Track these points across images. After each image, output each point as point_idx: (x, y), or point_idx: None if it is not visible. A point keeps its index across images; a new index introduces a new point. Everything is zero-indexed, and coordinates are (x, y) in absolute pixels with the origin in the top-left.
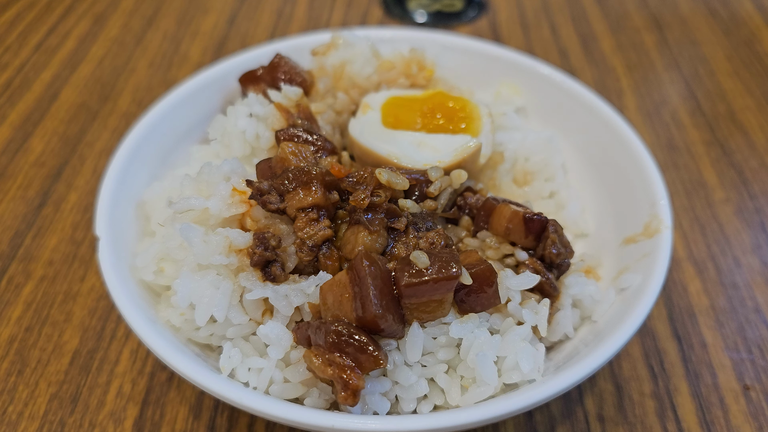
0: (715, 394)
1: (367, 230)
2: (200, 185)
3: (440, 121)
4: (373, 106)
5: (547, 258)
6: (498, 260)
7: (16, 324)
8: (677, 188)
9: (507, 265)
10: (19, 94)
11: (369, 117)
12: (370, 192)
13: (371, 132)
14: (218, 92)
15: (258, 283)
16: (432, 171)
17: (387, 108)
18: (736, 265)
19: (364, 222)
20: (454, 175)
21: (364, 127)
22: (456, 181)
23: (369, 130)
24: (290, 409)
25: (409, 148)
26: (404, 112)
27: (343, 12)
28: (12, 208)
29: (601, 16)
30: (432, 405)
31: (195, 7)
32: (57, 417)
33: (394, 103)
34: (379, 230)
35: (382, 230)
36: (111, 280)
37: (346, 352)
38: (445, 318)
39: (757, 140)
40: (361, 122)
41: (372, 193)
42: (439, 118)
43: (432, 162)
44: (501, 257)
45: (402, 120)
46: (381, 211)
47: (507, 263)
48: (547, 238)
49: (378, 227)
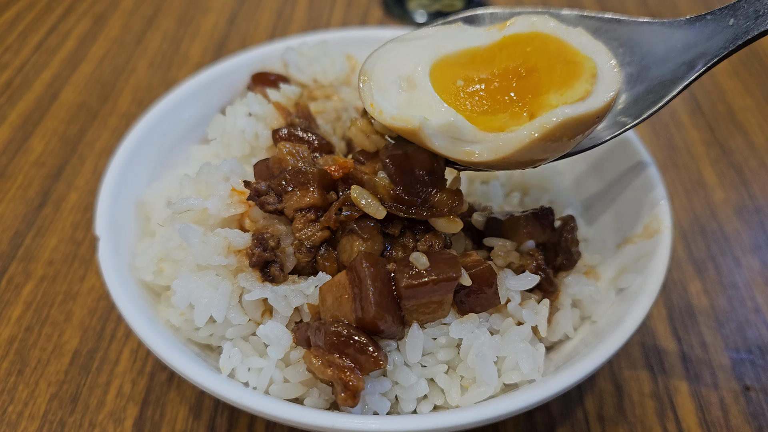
0: (714, 395)
1: (360, 239)
2: (199, 185)
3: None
4: (415, 76)
5: (564, 243)
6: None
7: (16, 324)
8: (677, 188)
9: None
10: (20, 94)
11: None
12: (334, 213)
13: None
14: (218, 92)
15: (257, 284)
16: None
17: (436, 80)
18: (736, 265)
19: (356, 231)
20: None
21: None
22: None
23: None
24: (290, 409)
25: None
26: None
27: (343, 12)
28: (12, 208)
29: None
30: (432, 405)
31: (195, 7)
32: (57, 417)
33: (444, 71)
34: (372, 237)
35: (377, 236)
36: (111, 280)
37: (346, 353)
38: (445, 318)
39: (756, 140)
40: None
41: (344, 208)
42: (511, 90)
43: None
44: (508, 264)
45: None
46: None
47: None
48: (566, 224)
49: (371, 234)
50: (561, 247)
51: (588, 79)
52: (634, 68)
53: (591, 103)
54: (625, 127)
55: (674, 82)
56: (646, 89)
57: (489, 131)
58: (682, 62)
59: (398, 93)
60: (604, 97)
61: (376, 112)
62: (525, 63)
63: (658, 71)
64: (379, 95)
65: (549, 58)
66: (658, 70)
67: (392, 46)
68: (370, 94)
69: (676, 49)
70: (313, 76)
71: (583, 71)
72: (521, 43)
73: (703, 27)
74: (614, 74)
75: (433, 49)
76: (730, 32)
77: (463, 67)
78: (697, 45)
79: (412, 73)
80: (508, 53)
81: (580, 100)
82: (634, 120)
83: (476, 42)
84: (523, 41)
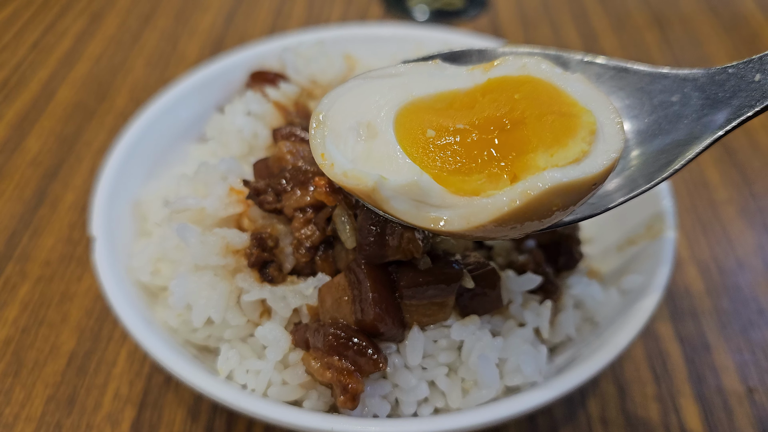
0: (718, 397)
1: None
2: (197, 185)
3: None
4: (377, 125)
5: (565, 243)
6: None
7: (13, 325)
8: (679, 188)
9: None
10: (16, 93)
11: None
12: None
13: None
14: (215, 90)
15: (255, 285)
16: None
17: (403, 129)
18: (739, 266)
19: None
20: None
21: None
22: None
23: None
24: (288, 412)
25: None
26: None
27: (343, 10)
28: (8, 208)
29: (603, 14)
30: (432, 408)
31: (192, 5)
32: (54, 419)
33: (412, 119)
34: None
35: None
36: (107, 280)
37: (345, 355)
38: (446, 321)
39: (759, 140)
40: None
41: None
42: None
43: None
44: (509, 263)
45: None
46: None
47: (510, 259)
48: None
49: None
50: (562, 247)
51: (585, 137)
52: (642, 123)
53: (587, 167)
54: (634, 192)
55: (690, 143)
56: (658, 149)
57: (461, 195)
58: (699, 120)
59: (356, 142)
60: (604, 160)
61: (326, 165)
62: (511, 113)
63: (672, 128)
64: (333, 144)
65: (540, 108)
66: (672, 127)
67: (355, 84)
68: (322, 143)
69: (692, 106)
70: (311, 76)
71: (579, 127)
72: (509, 88)
73: (724, 82)
74: (617, 132)
75: (403, 91)
76: (758, 90)
77: (436, 114)
78: (717, 103)
79: (374, 118)
80: (492, 99)
81: (573, 162)
82: (646, 183)
83: (456, 84)
84: (511, 86)
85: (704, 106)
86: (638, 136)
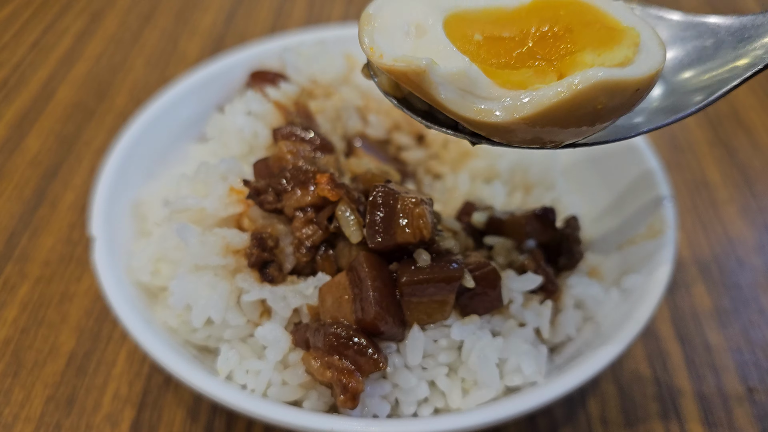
0: (718, 397)
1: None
2: (197, 184)
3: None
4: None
5: (566, 242)
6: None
7: (12, 325)
8: (680, 188)
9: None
10: (16, 93)
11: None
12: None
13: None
14: (215, 90)
15: (255, 285)
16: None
17: (451, 30)
18: (740, 265)
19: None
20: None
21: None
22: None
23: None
24: (288, 413)
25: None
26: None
27: (343, 9)
28: (8, 208)
29: None
30: (432, 408)
31: (193, 5)
32: (53, 419)
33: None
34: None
35: None
36: (106, 280)
37: (345, 355)
38: (446, 320)
39: (760, 139)
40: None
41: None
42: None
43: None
44: (509, 263)
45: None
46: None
47: (510, 258)
48: (568, 223)
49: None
50: (563, 247)
51: (630, 46)
52: (678, 60)
53: (632, 70)
54: (674, 117)
55: (726, 81)
56: (692, 88)
57: (508, 87)
58: (735, 60)
59: (404, 39)
60: (648, 67)
61: (375, 56)
62: (557, 24)
63: (706, 68)
64: (381, 38)
65: (585, 21)
66: (706, 67)
67: None
68: (371, 37)
69: (726, 49)
70: (311, 76)
71: (624, 37)
72: (553, 6)
73: (759, 26)
74: (659, 51)
75: (451, 0)
76: None
77: (483, 24)
78: (752, 39)
79: (423, 20)
80: (537, 16)
81: (619, 65)
82: (688, 109)
83: (501, 1)
84: (556, 5)
85: (738, 48)
86: (673, 72)
